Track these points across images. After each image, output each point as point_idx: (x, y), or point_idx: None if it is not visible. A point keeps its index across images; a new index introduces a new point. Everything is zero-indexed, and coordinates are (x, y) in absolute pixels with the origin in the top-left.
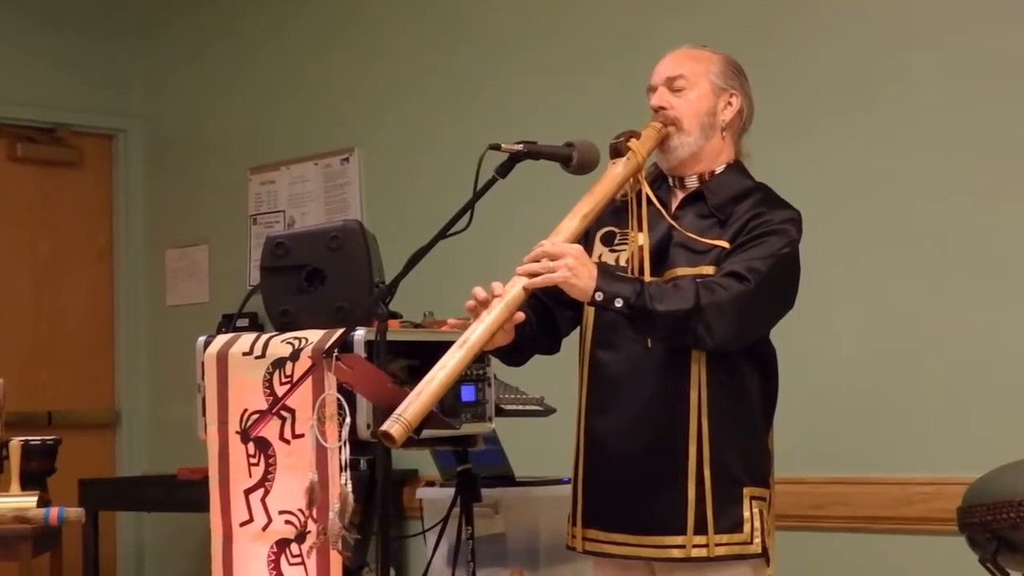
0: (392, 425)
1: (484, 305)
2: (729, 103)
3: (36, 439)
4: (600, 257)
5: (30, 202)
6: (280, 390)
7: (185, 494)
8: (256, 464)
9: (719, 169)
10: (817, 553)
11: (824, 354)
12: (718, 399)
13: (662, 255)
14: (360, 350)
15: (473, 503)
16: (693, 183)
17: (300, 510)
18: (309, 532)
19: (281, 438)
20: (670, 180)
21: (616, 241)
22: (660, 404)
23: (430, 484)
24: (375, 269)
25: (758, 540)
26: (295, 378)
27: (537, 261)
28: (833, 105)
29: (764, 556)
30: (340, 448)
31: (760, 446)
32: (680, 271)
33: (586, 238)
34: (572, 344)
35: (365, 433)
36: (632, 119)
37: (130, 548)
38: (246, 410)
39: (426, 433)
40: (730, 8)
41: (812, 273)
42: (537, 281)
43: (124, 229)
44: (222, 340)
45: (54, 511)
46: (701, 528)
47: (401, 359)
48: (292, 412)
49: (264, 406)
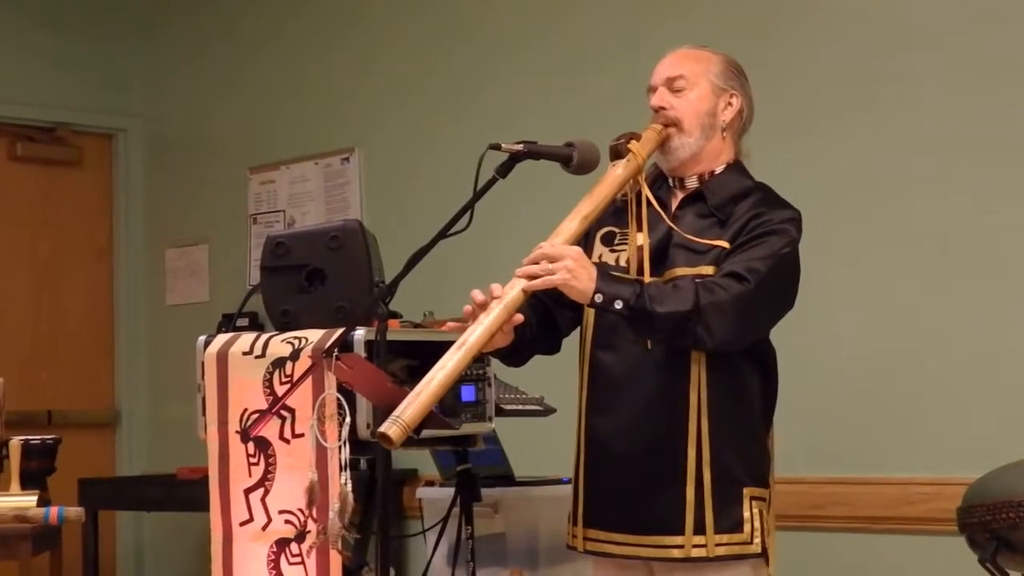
0: (390, 427)
1: (482, 308)
2: (729, 103)
3: (36, 438)
4: (600, 257)
5: (30, 201)
6: (280, 390)
7: (185, 493)
8: (256, 464)
9: (719, 169)
10: (817, 553)
11: (824, 354)
12: (718, 399)
13: (662, 255)
14: (360, 350)
15: (473, 503)
16: (693, 183)
17: (300, 510)
18: (309, 532)
19: (281, 438)
20: (670, 180)
21: (616, 241)
22: (660, 404)
23: (430, 484)
24: (375, 269)
25: (758, 540)
26: (295, 378)
27: (536, 263)
28: (833, 105)
29: (764, 556)
30: (340, 448)
31: (760, 446)
32: (680, 271)
33: (586, 238)
34: (572, 344)
35: (365, 433)
36: (632, 119)
37: (130, 547)
38: (246, 410)
39: (426, 433)
40: (730, 8)
41: (812, 273)
42: (536, 283)
43: (124, 228)
44: (222, 340)
45: (54, 510)
46: (701, 528)
47: (401, 359)
48: (292, 412)
49: (264, 406)
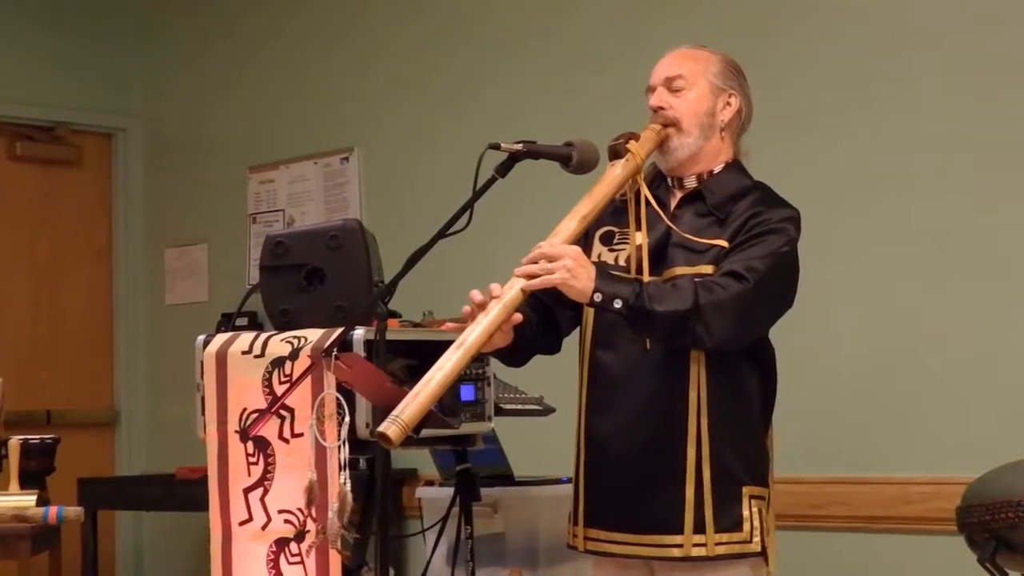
0: (389, 426)
1: (481, 308)
2: (728, 103)
3: (35, 438)
4: (600, 257)
5: (29, 201)
6: (279, 389)
7: (184, 493)
8: (255, 463)
9: (718, 169)
10: (816, 553)
11: (823, 353)
12: (717, 399)
13: (661, 255)
14: (359, 349)
15: (472, 502)
16: (692, 183)
17: (299, 509)
18: (308, 531)
19: (280, 437)
20: (669, 180)
21: (615, 241)
22: (659, 404)
23: (429, 483)
24: (374, 268)
25: (757, 539)
26: (294, 377)
27: (535, 262)
28: (833, 105)
29: (763, 555)
30: (339, 447)
31: (759, 445)
32: (679, 270)
33: (585, 238)
34: (571, 344)
35: (364, 432)
36: (632, 119)
37: (129, 547)
38: (245, 409)
39: (425, 432)
40: (730, 8)
41: (812, 272)
42: (535, 283)
43: (123, 228)
44: (221, 339)
45: (53, 510)
46: (700, 527)
47: (400, 358)
48: (291, 411)
49: (263, 405)
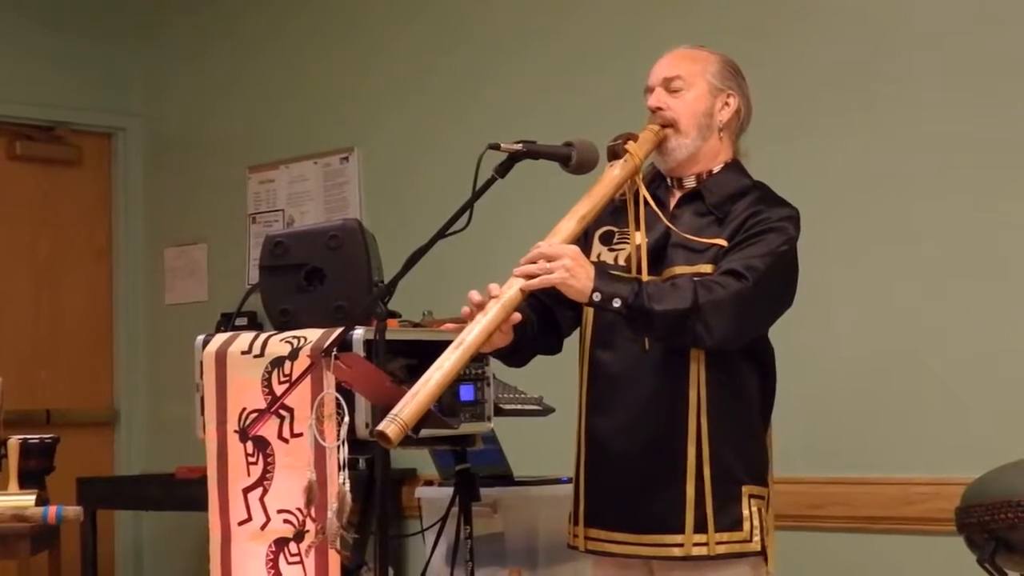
0: (388, 425)
1: (480, 308)
2: (726, 103)
3: (35, 437)
4: (599, 256)
5: (29, 201)
6: (279, 389)
7: (183, 493)
8: (255, 463)
9: (717, 169)
10: (816, 553)
11: (823, 353)
12: (717, 398)
13: (660, 254)
14: (359, 349)
15: (472, 502)
16: (691, 183)
17: (299, 509)
18: (307, 531)
19: (280, 437)
20: (668, 179)
21: (615, 240)
22: (659, 403)
23: (429, 483)
24: (374, 268)
25: (757, 538)
26: (294, 377)
27: (534, 262)
28: (833, 105)
29: (763, 555)
30: (338, 447)
31: (758, 445)
32: (678, 270)
33: (585, 237)
34: (571, 344)
35: (364, 432)
36: (632, 119)
37: (128, 547)
38: (245, 409)
39: (425, 432)
40: (730, 8)
41: (811, 272)
42: (534, 283)
43: (123, 228)
44: (221, 339)
45: (52, 509)
46: (701, 527)
47: (400, 358)
48: (291, 411)
49: (263, 405)
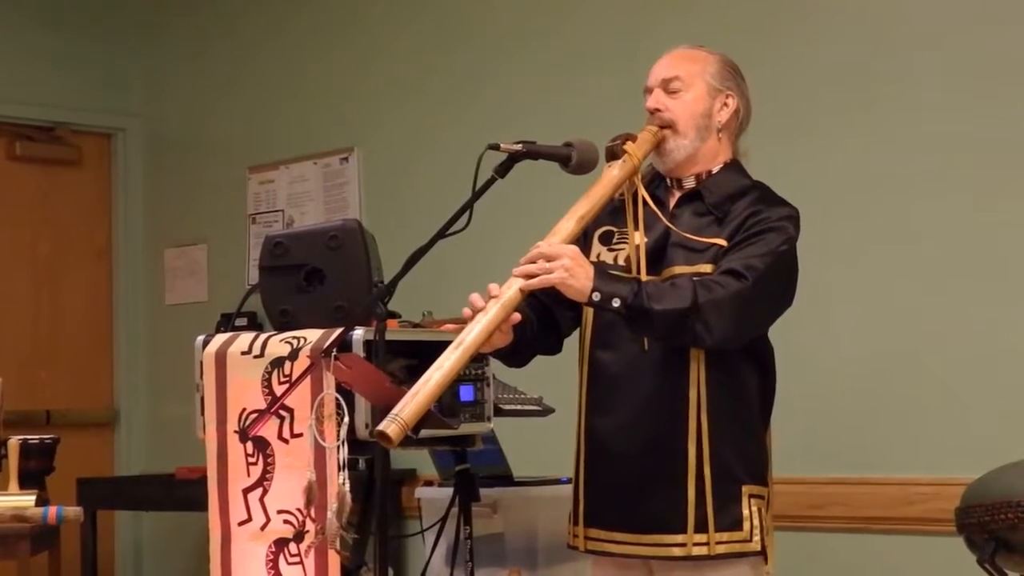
0: (388, 425)
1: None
2: (725, 104)
3: (35, 438)
4: (599, 256)
5: (29, 201)
6: (279, 389)
7: (183, 493)
8: (254, 463)
9: (716, 169)
10: (815, 553)
11: (823, 353)
12: (717, 398)
13: (660, 254)
14: (359, 349)
15: (471, 503)
16: (691, 183)
17: (298, 509)
18: (307, 531)
19: (279, 437)
20: (668, 179)
21: (614, 240)
22: (659, 403)
23: (428, 484)
24: (374, 269)
25: (757, 538)
26: (294, 377)
27: (533, 262)
28: (833, 105)
29: (763, 554)
30: (338, 447)
31: (758, 444)
32: (678, 269)
33: (584, 237)
34: (571, 344)
35: (363, 433)
36: (632, 119)
37: (128, 547)
38: (244, 409)
39: (424, 433)
40: (729, 8)
41: (811, 272)
42: (534, 283)
43: (123, 228)
44: (221, 339)
45: (52, 510)
46: (702, 526)
47: (400, 359)
48: (291, 411)
49: (263, 405)
